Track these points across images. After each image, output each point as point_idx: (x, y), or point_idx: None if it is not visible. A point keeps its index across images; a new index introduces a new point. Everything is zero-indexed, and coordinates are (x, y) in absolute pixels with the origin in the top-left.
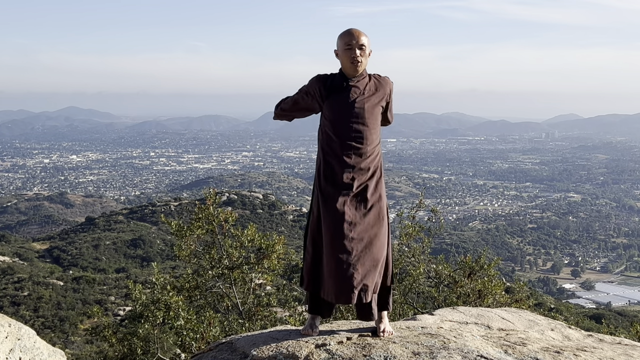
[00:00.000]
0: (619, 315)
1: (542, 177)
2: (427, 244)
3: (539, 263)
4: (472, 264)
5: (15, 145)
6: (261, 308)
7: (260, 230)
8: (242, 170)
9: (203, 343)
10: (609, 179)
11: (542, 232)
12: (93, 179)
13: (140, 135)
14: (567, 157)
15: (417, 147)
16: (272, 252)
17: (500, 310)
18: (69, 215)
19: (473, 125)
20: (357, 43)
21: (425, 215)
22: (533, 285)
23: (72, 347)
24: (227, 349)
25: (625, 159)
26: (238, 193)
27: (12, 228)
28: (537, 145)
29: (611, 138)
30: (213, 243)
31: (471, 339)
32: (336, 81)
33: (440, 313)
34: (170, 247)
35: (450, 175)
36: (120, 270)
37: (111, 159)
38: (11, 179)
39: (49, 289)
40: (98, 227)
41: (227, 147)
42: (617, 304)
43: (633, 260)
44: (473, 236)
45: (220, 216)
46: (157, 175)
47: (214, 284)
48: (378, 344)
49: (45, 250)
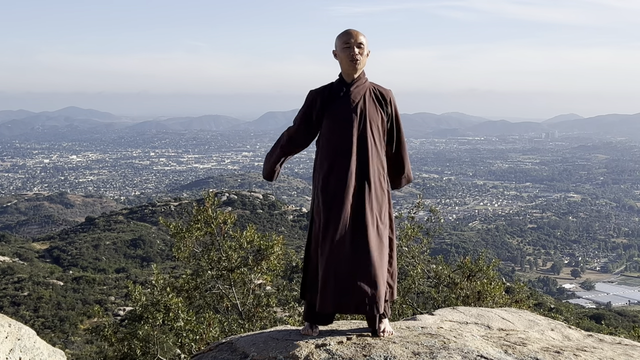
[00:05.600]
0: (619, 315)
1: (542, 177)
2: (426, 244)
3: (539, 263)
4: (472, 265)
5: (15, 145)
6: (261, 308)
7: (260, 231)
8: (242, 170)
9: (202, 344)
10: (609, 179)
11: (542, 232)
12: (93, 179)
13: (140, 135)
14: (567, 157)
15: (417, 147)
16: (271, 252)
17: (500, 310)
18: (69, 215)
19: (473, 125)
20: (356, 42)
21: (425, 216)
22: (533, 286)
23: (72, 347)
24: (227, 349)
25: (625, 159)
26: (238, 193)
27: (12, 228)
28: (537, 145)
29: (611, 138)
30: (212, 244)
31: (471, 339)
32: (335, 89)
33: (440, 313)
34: (170, 247)
35: (450, 175)
36: (120, 271)
37: (111, 159)
38: (11, 179)
39: (49, 289)
40: (98, 227)
41: (227, 147)
42: (617, 304)
43: (633, 260)
44: (473, 236)
45: (219, 217)
46: (157, 175)
47: (214, 285)
48: (378, 344)
49: (45, 250)
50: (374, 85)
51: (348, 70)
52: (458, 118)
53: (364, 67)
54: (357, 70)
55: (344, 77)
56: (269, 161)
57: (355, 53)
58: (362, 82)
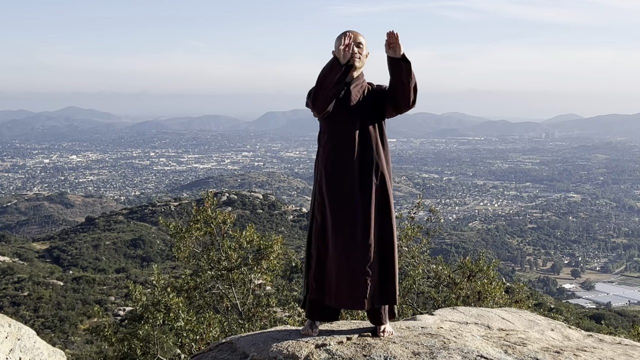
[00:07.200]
0: (619, 315)
1: (542, 177)
2: (426, 244)
3: (539, 263)
4: (472, 265)
5: (15, 145)
6: (261, 308)
7: (260, 231)
8: (242, 170)
9: (203, 344)
10: (609, 179)
11: (542, 232)
12: (93, 179)
13: (140, 135)
14: (567, 157)
15: (417, 147)
16: (270, 252)
17: (500, 310)
18: (69, 215)
19: (473, 125)
20: (355, 41)
21: (425, 216)
22: (533, 286)
23: (72, 347)
24: (227, 349)
25: (625, 159)
26: (238, 193)
27: (12, 228)
28: (537, 145)
29: (611, 138)
30: (212, 244)
31: (471, 339)
32: None
33: (440, 313)
34: (170, 248)
35: (450, 175)
36: (120, 271)
37: (111, 159)
38: (11, 179)
39: (49, 289)
40: (98, 227)
41: (227, 147)
42: (617, 304)
43: (633, 260)
44: (473, 236)
45: (219, 217)
46: (157, 175)
47: (214, 285)
48: (378, 344)
49: (45, 250)
50: (372, 84)
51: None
52: (458, 118)
53: (363, 66)
54: (357, 69)
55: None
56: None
57: (354, 52)
58: (360, 81)
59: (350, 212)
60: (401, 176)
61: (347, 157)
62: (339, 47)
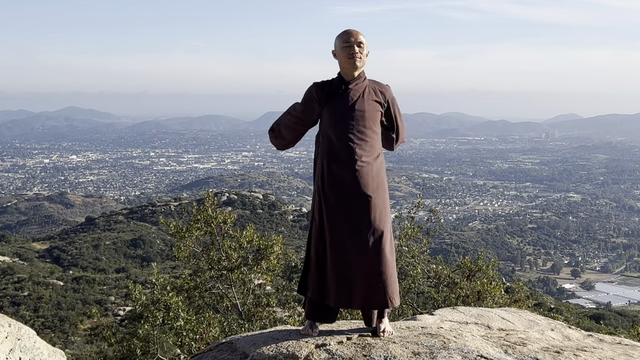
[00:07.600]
0: (619, 315)
1: (542, 177)
2: (426, 244)
3: (539, 263)
4: (472, 265)
5: (15, 145)
6: (261, 308)
7: (260, 231)
8: (242, 170)
9: (202, 343)
10: (609, 179)
11: (542, 232)
12: (93, 179)
13: (140, 135)
14: (567, 157)
15: (417, 147)
16: (270, 252)
17: (500, 310)
18: (69, 215)
19: (473, 125)
20: (356, 40)
21: (425, 216)
22: (533, 285)
23: (72, 347)
24: (227, 349)
25: (625, 159)
26: (238, 193)
27: (12, 228)
28: (537, 145)
29: (611, 138)
30: (212, 244)
31: (471, 339)
32: (334, 85)
33: (440, 313)
34: (170, 247)
35: (450, 175)
36: (120, 270)
37: (111, 159)
38: (11, 179)
39: (49, 289)
40: (98, 227)
41: (227, 147)
42: (617, 304)
43: (633, 260)
44: (473, 236)
45: (219, 217)
46: (157, 175)
47: (213, 285)
48: (378, 344)
49: (45, 250)
50: (373, 82)
51: (348, 69)
52: (458, 118)
53: (363, 66)
54: (357, 69)
55: (343, 76)
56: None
57: (355, 52)
58: (361, 80)
59: (347, 213)
60: (401, 176)
61: (344, 156)
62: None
